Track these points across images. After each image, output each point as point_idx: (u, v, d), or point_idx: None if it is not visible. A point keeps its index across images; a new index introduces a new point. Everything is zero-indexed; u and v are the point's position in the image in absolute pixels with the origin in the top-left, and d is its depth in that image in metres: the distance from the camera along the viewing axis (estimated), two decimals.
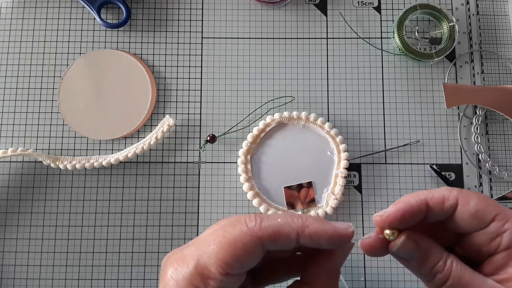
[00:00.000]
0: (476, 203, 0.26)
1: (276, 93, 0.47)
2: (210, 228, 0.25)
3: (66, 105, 0.46)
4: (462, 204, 0.26)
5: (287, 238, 0.23)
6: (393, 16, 0.49)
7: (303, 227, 0.24)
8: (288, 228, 0.23)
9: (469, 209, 0.26)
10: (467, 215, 0.26)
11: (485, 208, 0.26)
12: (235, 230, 0.23)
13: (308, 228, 0.24)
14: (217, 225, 0.25)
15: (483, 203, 0.26)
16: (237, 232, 0.23)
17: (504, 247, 0.25)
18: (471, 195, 0.26)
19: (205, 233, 0.25)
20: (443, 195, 0.26)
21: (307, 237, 0.24)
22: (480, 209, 0.25)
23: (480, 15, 0.49)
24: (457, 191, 0.26)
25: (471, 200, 0.26)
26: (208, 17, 0.49)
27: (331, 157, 0.45)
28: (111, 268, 0.44)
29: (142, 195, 0.45)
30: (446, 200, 0.26)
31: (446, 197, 0.26)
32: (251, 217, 0.24)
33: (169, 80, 0.47)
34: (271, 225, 0.23)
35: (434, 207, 0.26)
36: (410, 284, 0.43)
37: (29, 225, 0.44)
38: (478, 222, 0.26)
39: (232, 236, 0.23)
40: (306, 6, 0.49)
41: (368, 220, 0.45)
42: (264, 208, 0.43)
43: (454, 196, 0.26)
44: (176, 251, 0.25)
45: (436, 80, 0.48)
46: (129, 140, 0.46)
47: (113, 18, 0.49)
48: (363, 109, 0.47)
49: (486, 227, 0.26)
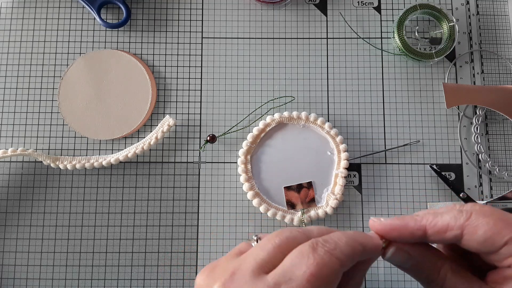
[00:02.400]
0: (484, 232, 0.24)
1: (276, 93, 0.47)
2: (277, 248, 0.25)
3: (66, 105, 0.46)
4: (469, 234, 0.25)
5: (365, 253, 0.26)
6: (393, 16, 0.49)
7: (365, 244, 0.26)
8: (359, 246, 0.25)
9: (477, 238, 0.25)
10: (474, 243, 0.25)
11: (496, 235, 0.24)
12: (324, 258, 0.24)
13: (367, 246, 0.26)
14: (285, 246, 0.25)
15: (493, 230, 0.24)
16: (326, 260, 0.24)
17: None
18: (480, 223, 0.25)
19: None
20: (447, 225, 0.25)
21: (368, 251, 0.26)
22: (489, 237, 0.24)
23: (480, 15, 0.49)
24: (465, 218, 0.25)
25: (479, 230, 0.24)
26: (208, 17, 0.49)
27: (331, 157, 0.45)
28: (111, 268, 0.44)
29: (142, 195, 0.45)
30: (449, 230, 0.25)
31: (450, 227, 0.25)
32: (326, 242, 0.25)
33: (169, 80, 0.47)
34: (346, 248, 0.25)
35: (432, 235, 0.26)
36: (410, 284, 0.43)
37: (29, 225, 0.44)
38: (487, 249, 0.25)
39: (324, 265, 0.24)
40: (306, 6, 0.49)
41: (368, 220, 0.45)
42: (264, 208, 0.43)
43: (459, 226, 0.25)
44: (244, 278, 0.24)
45: (436, 80, 0.48)
46: (129, 140, 0.46)
47: (113, 18, 0.49)
48: (363, 109, 0.47)
49: (496, 251, 0.25)
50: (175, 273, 0.44)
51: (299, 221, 0.43)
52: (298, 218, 0.43)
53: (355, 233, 0.26)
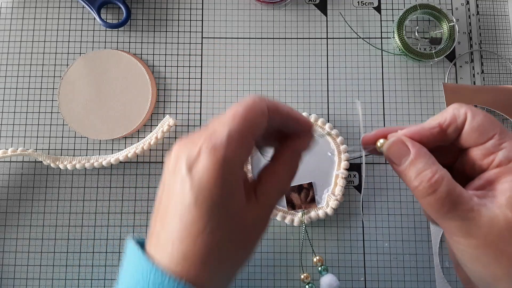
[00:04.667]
0: (481, 118, 0.27)
1: (276, 93, 0.47)
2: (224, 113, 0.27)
3: (66, 105, 0.46)
4: (471, 118, 0.27)
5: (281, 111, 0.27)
6: (393, 16, 0.49)
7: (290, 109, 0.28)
8: (282, 105, 0.28)
9: (474, 123, 0.27)
10: (471, 128, 0.27)
11: (489, 125, 0.27)
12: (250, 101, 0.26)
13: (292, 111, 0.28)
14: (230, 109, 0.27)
15: (487, 119, 0.27)
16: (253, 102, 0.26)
17: (496, 164, 0.26)
18: (478, 111, 0.27)
19: (221, 116, 0.27)
20: (454, 114, 0.28)
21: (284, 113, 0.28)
22: (483, 124, 0.27)
23: (480, 15, 0.49)
24: (466, 107, 0.28)
25: (477, 116, 0.27)
26: (208, 17, 0.49)
27: (331, 158, 0.45)
28: (111, 268, 0.44)
29: (142, 195, 0.45)
30: (457, 117, 0.27)
31: (456, 115, 0.27)
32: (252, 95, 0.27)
33: (169, 80, 0.47)
34: (272, 102, 0.27)
35: (449, 128, 0.28)
36: (410, 284, 0.43)
37: (29, 225, 0.44)
38: (478, 136, 0.27)
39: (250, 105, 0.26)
40: (306, 6, 0.49)
41: (368, 220, 0.45)
42: None
43: (463, 113, 0.27)
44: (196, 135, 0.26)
45: (436, 80, 0.48)
46: (129, 140, 0.46)
47: (113, 18, 0.49)
48: (363, 109, 0.47)
49: (484, 142, 0.27)
50: None
51: (299, 221, 0.43)
52: (299, 218, 0.43)
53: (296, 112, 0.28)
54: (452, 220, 0.25)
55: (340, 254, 0.44)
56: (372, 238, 0.44)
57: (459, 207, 0.25)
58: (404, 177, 0.27)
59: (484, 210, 0.25)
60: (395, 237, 0.44)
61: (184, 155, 0.25)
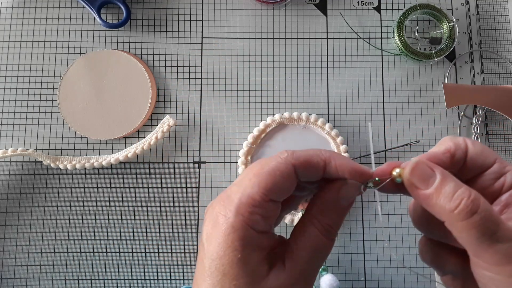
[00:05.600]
0: (480, 144, 0.26)
1: (276, 93, 0.47)
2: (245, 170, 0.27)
3: (66, 105, 0.46)
4: (471, 144, 0.26)
5: (316, 167, 0.25)
6: (393, 16, 0.49)
7: (329, 158, 0.26)
8: (317, 158, 0.25)
9: (477, 148, 0.26)
10: (475, 153, 0.26)
11: (488, 150, 0.26)
12: (272, 162, 0.25)
13: (335, 160, 0.25)
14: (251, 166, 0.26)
15: (485, 146, 0.27)
16: (274, 163, 0.25)
17: (509, 186, 0.25)
18: (473, 140, 0.27)
19: (241, 175, 0.26)
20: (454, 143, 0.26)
21: (333, 167, 0.25)
22: (484, 149, 0.26)
23: (480, 15, 0.49)
24: (460, 137, 0.27)
25: (475, 142, 0.26)
26: (208, 17, 0.49)
27: None
28: (111, 268, 0.44)
29: (142, 195, 0.45)
30: (459, 145, 0.26)
31: (456, 144, 0.26)
32: (282, 151, 0.26)
33: (169, 80, 0.47)
34: (303, 155, 0.25)
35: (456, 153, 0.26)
36: (410, 284, 0.43)
37: (29, 225, 0.44)
38: (484, 161, 0.26)
39: (270, 167, 0.25)
40: (306, 6, 0.49)
41: (368, 220, 0.45)
42: None
43: (462, 140, 0.26)
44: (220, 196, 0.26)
45: (436, 80, 0.48)
46: (129, 140, 0.46)
47: (113, 18, 0.49)
48: (363, 109, 0.47)
49: (490, 167, 0.26)
50: (175, 273, 0.44)
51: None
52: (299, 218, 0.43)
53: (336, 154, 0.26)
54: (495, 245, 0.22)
55: (340, 254, 0.44)
56: (372, 238, 0.44)
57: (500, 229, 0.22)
58: (433, 201, 0.24)
59: None
60: (395, 237, 0.44)
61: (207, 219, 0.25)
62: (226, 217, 0.24)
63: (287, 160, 0.25)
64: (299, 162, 0.25)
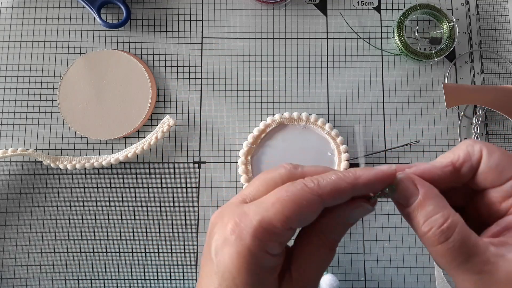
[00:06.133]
0: (499, 156, 0.24)
1: (276, 93, 0.47)
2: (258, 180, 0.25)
3: (66, 105, 0.46)
4: (487, 156, 0.24)
5: (344, 193, 0.24)
6: (393, 16, 0.49)
7: (356, 179, 0.24)
8: (343, 183, 0.24)
9: (491, 161, 0.24)
10: (487, 167, 0.24)
11: (507, 164, 0.24)
12: (297, 189, 0.24)
13: (361, 178, 0.24)
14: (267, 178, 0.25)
15: (506, 157, 0.24)
16: (300, 192, 0.24)
17: None
18: (495, 148, 0.25)
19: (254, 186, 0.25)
20: (467, 152, 0.25)
21: (361, 186, 0.24)
22: (501, 163, 0.24)
23: (480, 15, 0.49)
24: (480, 143, 0.25)
25: (494, 153, 0.24)
26: (208, 17, 0.49)
27: (331, 158, 0.45)
28: (111, 268, 0.44)
29: (142, 195, 0.45)
30: (471, 155, 0.25)
31: (470, 153, 0.25)
32: (306, 179, 0.24)
33: (169, 80, 0.47)
34: (329, 184, 0.24)
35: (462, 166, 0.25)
36: (410, 284, 0.43)
37: (29, 225, 0.44)
38: (496, 177, 0.24)
39: (296, 195, 0.23)
40: (306, 6, 0.49)
41: (368, 220, 0.45)
42: None
43: (478, 150, 0.25)
44: (230, 208, 0.25)
45: (436, 80, 0.48)
46: (129, 140, 0.46)
47: (113, 18, 0.49)
48: (363, 109, 0.47)
49: (503, 184, 0.24)
50: (175, 273, 0.44)
51: None
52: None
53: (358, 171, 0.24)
54: (465, 274, 0.22)
55: (340, 254, 0.44)
56: (372, 238, 0.44)
57: (474, 259, 0.22)
58: (412, 221, 0.24)
59: (502, 262, 0.22)
60: (395, 237, 0.44)
61: (218, 232, 0.24)
62: (241, 238, 0.23)
63: (314, 191, 0.23)
64: (326, 192, 0.24)
